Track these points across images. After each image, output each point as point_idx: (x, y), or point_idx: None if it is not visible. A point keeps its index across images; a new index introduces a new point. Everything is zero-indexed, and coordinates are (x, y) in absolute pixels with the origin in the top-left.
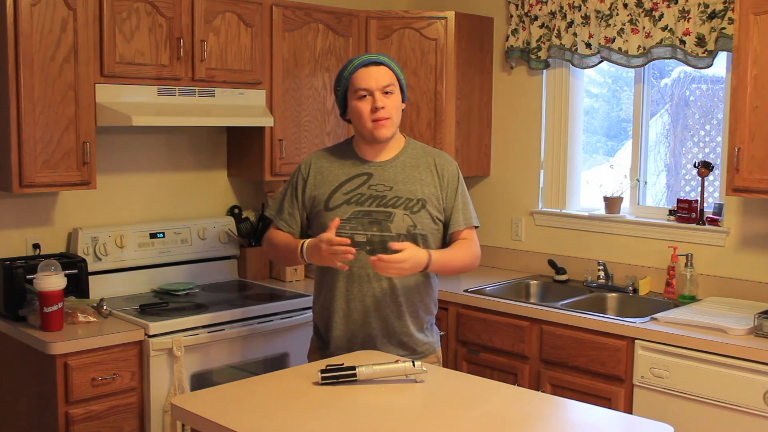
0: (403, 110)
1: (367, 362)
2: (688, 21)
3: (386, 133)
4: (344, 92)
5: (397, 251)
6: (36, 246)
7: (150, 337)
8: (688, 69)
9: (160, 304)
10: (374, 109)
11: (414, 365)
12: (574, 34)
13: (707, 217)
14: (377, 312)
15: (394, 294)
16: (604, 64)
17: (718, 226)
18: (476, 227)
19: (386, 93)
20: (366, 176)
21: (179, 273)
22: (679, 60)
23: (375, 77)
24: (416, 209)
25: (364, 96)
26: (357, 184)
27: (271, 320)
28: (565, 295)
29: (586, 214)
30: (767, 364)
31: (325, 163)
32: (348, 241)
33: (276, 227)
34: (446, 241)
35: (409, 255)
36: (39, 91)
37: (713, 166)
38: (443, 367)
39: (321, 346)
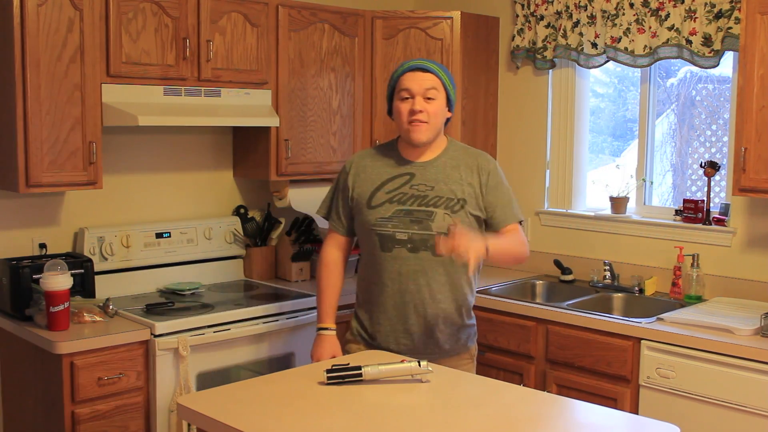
0: (449, 119)
1: (372, 362)
2: (694, 21)
3: (420, 137)
4: (391, 92)
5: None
6: (42, 246)
7: (156, 336)
8: (695, 69)
9: (166, 303)
10: (412, 112)
11: (420, 365)
12: (580, 34)
13: (714, 217)
14: (414, 307)
15: (431, 290)
16: (610, 63)
17: (725, 226)
18: (521, 222)
19: (428, 98)
20: (408, 176)
21: (185, 273)
22: (685, 60)
23: (419, 81)
24: (456, 209)
25: (406, 98)
26: (399, 184)
27: (277, 320)
28: (571, 295)
29: (592, 214)
30: None
31: (369, 162)
32: None
33: (332, 229)
34: None
35: (466, 231)
36: (45, 91)
37: (719, 166)
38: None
39: (364, 338)
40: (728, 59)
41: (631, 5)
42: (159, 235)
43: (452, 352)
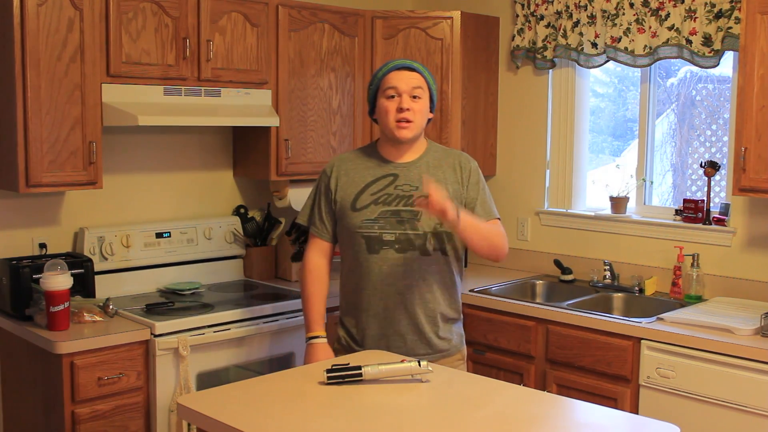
0: (430, 119)
1: (372, 362)
2: (694, 20)
3: (407, 135)
4: (375, 91)
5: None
6: (42, 245)
7: (156, 336)
8: (695, 69)
9: (166, 303)
10: (399, 110)
11: (419, 365)
12: (580, 34)
13: (714, 217)
14: (405, 309)
15: (420, 290)
16: (610, 63)
17: (725, 226)
18: (499, 219)
19: (414, 97)
20: (392, 177)
21: (185, 273)
22: (685, 59)
23: (406, 79)
24: None
25: (392, 96)
26: (384, 185)
27: (277, 320)
28: (571, 295)
29: (592, 214)
30: None
31: (350, 165)
32: None
33: (315, 235)
34: None
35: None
36: (45, 91)
37: (720, 166)
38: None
39: (353, 347)
40: (728, 59)
41: (631, 5)
42: (159, 235)
43: (444, 353)
